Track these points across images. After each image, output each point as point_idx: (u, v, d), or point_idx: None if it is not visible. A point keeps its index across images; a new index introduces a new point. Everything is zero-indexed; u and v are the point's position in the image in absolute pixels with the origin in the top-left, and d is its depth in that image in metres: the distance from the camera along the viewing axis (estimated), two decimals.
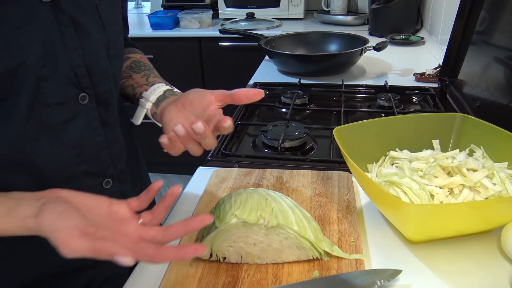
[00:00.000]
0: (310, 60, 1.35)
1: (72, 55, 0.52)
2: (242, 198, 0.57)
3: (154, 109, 0.67)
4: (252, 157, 0.86)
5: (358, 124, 0.73)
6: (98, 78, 0.56)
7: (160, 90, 0.67)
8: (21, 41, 0.46)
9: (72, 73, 0.52)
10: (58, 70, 0.50)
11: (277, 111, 1.12)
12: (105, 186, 0.62)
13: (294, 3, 2.28)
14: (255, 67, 1.50)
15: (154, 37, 2.18)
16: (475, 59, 1.04)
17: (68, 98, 0.53)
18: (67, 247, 0.40)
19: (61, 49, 0.50)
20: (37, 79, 0.48)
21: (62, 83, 0.51)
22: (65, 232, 0.41)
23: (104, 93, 0.58)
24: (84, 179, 0.58)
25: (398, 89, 1.19)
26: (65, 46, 0.51)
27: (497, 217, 0.57)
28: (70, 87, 0.52)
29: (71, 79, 0.52)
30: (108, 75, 0.58)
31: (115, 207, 0.48)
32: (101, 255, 0.40)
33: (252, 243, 0.55)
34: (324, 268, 0.55)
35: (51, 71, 0.49)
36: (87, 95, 0.55)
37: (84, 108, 0.55)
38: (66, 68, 0.51)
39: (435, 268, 0.56)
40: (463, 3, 1.05)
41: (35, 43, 0.47)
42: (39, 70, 0.48)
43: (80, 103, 0.54)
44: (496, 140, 0.67)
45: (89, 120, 0.56)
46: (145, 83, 0.70)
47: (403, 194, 0.60)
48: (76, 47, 0.52)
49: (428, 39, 1.77)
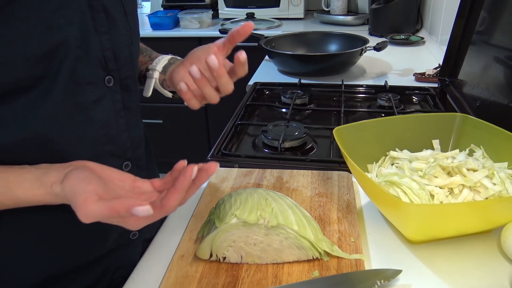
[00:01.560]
0: (310, 60, 1.35)
1: (102, 38, 0.54)
2: (242, 198, 0.57)
3: (162, 77, 0.70)
4: (252, 157, 0.86)
5: (358, 124, 0.73)
6: (122, 63, 0.59)
7: (165, 59, 0.72)
8: (61, 22, 0.48)
9: (101, 55, 0.55)
10: (90, 52, 0.53)
11: (277, 111, 1.12)
12: (125, 169, 0.63)
13: (294, 3, 2.28)
14: (255, 67, 1.50)
15: (154, 37, 2.18)
16: (475, 59, 1.04)
17: (97, 79, 0.55)
18: (85, 211, 0.42)
19: (93, 33, 0.53)
20: (73, 60, 0.51)
21: (93, 64, 0.54)
22: (84, 196, 0.42)
23: (126, 78, 0.60)
24: (108, 159, 0.60)
25: (398, 89, 1.19)
26: (96, 30, 0.53)
27: (497, 217, 0.57)
28: (99, 69, 0.55)
29: (100, 61, 0.55)
30: (131, 61, 0.61)
31: (139, 183, 0.50)
32: (119, 212, 0.41)
33: (252, 243, 0.55)
34: (324, 268, 0.55)
35: (84, 52, 0.52)
36: (112, 78, 0.57)
37: (109, 91, 0.57)
38: (96, 51, 0.54)
39: (435, 268, 0.56)
40: (463, 3, 1.05)
41: (73, 25, 0.50)
42: (75, 50, 0.50)
43: (106, 85, 0.57)
44: (496, 140, 0.67)
45: (113, 103, 0.58)
46: (149, 60, 0.74)
47: (403, 194, 0.60)
48: (105, 31, 0.55)
49: (428, 39, 1.77)
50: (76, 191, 0.43)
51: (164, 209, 0.43)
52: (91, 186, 0.44)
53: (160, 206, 0.43)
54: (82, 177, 0.45)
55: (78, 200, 0.42)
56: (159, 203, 0.43)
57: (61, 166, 0.49)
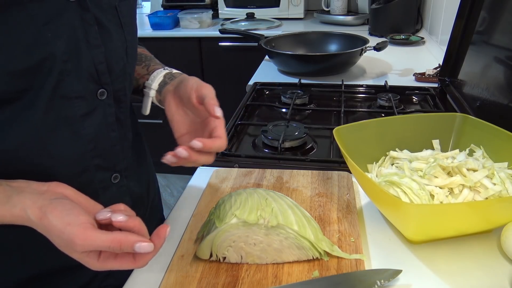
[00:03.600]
0: (310, 60, 1.35)
1: (95, 52, 0.53)
2: (242, 198, 0.57)
3: (158, 96, 0.69)
4: (252, 157, 0.85)
5: (358, 124, 0.73)
6: (116, 75, 0.58)
7: (160, 76, 0.70)
8: (48, 36, 0.47)
9: (93, 69, 0.54)
10: (81, 66, 0.52)
11: (277, 111, 1.12)
12: (113, 181, 0.63)
13: (294, 3, 2.28)
14: (255, 67, 1.50)
15: (154, 37, 2.18)
16: (475, 59, 1.04)
17: (88, 93, 0.54)
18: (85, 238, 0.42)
19: (85, 46, 0.52)
20: (60, 73, 0.50)
21: (83, 78, 0.53)
22: (81, 226, 0.42)
23: (119, 90, 0.59)
24: (96, 173, 0.59)
25: (398, 89, 1.19)
26: (89, 43, 0.53)
27: (497, 217, 0.57)
28: (90, 83, 0.54)
29: (92, 75, 0.54)
30: (124, 73, 0.60)
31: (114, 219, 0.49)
32: (121, 245, 0.42)
33: (252, 243, 0.55)
34: (324, 268, 0.55)
35: (74, 66, 0.51)
36: (105, 91, 0.56)
37: (102, 104, 0.57)
38: (88, 64, 0.53)
39: (435, 268, 0.56)
40: (463, 3, 1.05)
41: (61, 38, 0.49)
42: (62, 64, 0.50)
43: (98, 99, 0.56)
44: (496, 140, 0.67)
45: (105, 116, 0.58)
46: (146, 73, 0.73)
47: (403, 194, 0.60)
48: (98, 44, 0.54)
49: (428, 39, 1.77)
50: (69, 222, 0.43)
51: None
52: (83, 217, 0.44)
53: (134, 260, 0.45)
54: (68, 207, 0.45)
55: (75, 229, 0.42)
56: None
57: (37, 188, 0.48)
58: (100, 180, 0.60)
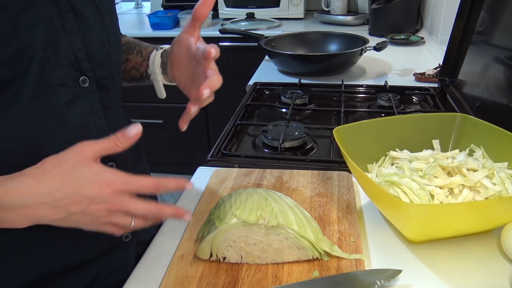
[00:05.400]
0: (310, 60, 1.35)
1: (72, 39, 0.54)
2: (242, 198, 0.57)
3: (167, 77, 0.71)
4: (252, 157, 0.85)
5: (358, 124, 0.73)
6: (97, 62, 0.58)
7: (157, 58, 0.72)
8: (25, 24, 0.48)
9: (72, 56, 0.54)
10: (60, 52, 0.52)
11: (277, 111, 1.12)
12: None
13: (294, 3, 2.27)
14: (255, 67, 1.50)
15: (154, 37, 2.17)
16: (475, 59, 1.04)
17: (70, 80, 0.55)
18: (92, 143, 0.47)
19: (62, 33, 0.52)
20: (41, 61, 0.50)
21: (64, 65, 0.53)
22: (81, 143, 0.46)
23: (103, 77, 0.60)
24: None
25: (398, 89, 1.19)
26: (65, 30, 0.53)
27: (497, 217, 0.57)
28: (71, 70, 0.55)
29: (72, 62, 0.54)
30: (108, 61, 0.60)
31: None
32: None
33: (252, 243, 0.55)
34: (324, 268, 0.55)
35: (53, 53, 0.51)
36: (87, 78, 0.57)
37: (85, 91, 0.57)
38: (67, 51, 0.53)
39: (435, 268, 0.56)
40: (463, 3, 1.05)
41: (38, 26, 0.49)
42: (42, 51, 0.50)
43: (81, 86, 0.56)
44: (496, 140, 0.67)
45: (90, 103, 0.58)
46: (142, 59, 0.75)
47: (403, 194, 0.60)
48: (75, 31, 0.54)
49: (428, 39, 1.77)
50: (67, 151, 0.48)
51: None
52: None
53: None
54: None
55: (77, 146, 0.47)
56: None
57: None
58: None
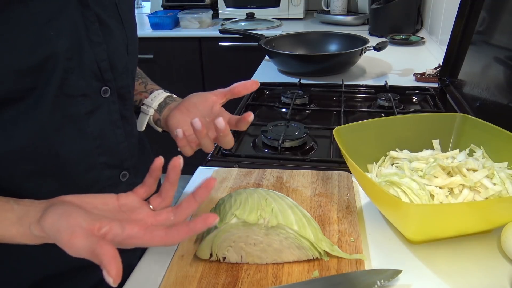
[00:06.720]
0: (310, 60, 1.35)
1: (97, 49, 0.54)
2: (242, 198, 0.57)
3: (156, 115, 0.70)
4: (252, 157, 0.85)
5: (358, 124, 0.73)
6: (118, 72, 0.58)
7: (161, 97, 0.71)
8: (50, 35, 0.47)
9: (96, 67, 0.54)
10: (83, 63, 0.52)
11: (277, 111, 1.12)
12: (122, 179, 0.63)
13: (294, 3, 2.27)
14: (255, 67, 1.50)
15: (154, 37, 2.17)
16: (475, 59, 1.04)
17: (91, 91, 0.54)
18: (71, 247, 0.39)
19: (87, 44, 0.52)
20: (64, 71, 0.50)
21: (86, 76, 0.53)
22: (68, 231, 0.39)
23: (123, 87, 0.60)
24: (103, 171, 0.59)
25: (398, 89, 1.19)
26: (90, 40, 0.53)
27: (497, 217, 0.57)
28: (93, 80, 0.54)
29: (95, 72, 0.54)
30: (127, 70, 0.60)
31: (123, 200, 0.46)
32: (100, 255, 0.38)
33: (252, 243, 0.55)
34: (324, 268, 0.55)
35: (76, 63, 0.51)
36: (109, 89, 0.56)
37: (106, 101, 0.57)
38: (90, 62, 0.53)
39: (435, 268, 0.56)
40: (463, 3, 1.05)
41: (63, 36, 0.49)
42: (66, 62, 0.50)
43: (102, 96, 0.56)
44: (496, 140, 0.67)
45: (110, 113, 0.58)
46: (144, 90, 0.73)
47: (403, 194, 0.60)
48: (100, 41, 0.54)
49: (428, 39, 1.77)
50: (58, 228, 0.40)
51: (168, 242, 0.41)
52: (73, 220, 0.40)
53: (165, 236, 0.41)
54: (60, 212, 0.41)
55: (63, 237, 0.39)
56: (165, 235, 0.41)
57: (40, 204, 0.45)
58: (108, 178, 0.60)
